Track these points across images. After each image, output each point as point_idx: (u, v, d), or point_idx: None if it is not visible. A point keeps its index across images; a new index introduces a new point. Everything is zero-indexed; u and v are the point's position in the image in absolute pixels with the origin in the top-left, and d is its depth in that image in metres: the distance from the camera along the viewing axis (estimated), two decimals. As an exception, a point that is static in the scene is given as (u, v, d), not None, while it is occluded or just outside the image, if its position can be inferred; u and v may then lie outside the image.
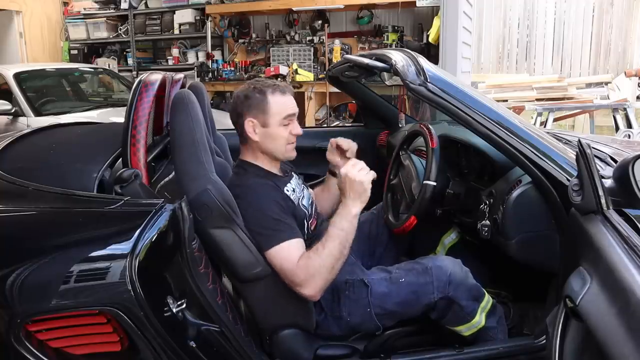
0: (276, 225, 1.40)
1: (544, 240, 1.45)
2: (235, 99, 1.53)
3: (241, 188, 1.45)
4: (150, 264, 1.16)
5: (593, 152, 1.14)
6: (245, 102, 1.50)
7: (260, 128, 1.50)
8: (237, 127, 1.54)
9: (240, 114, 1.51)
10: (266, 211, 1.41)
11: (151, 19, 6.13)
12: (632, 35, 6.48)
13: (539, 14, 6.83)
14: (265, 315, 1.49)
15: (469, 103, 1.40)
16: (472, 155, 1.88)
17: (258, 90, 1.50)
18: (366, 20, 5.36)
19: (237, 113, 1.52)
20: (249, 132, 1.51)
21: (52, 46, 6.80)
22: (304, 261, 1.37)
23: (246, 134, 1.51)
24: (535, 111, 4.69)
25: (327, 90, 5.10)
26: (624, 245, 0.99)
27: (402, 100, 3.35)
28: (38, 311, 1.10)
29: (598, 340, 0.92)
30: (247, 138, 1.52)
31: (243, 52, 5.97)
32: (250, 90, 1.51)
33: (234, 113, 1.54)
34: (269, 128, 1.50)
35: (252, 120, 1.50)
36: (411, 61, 1.46)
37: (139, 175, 1.34)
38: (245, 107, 1.50)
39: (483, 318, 1.51)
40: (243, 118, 1.50)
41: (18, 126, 4.22)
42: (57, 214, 1.25)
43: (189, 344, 1.27)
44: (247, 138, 1.52)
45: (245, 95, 1.51)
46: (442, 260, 1.52)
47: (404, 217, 1.70)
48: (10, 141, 1.65)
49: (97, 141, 1.80)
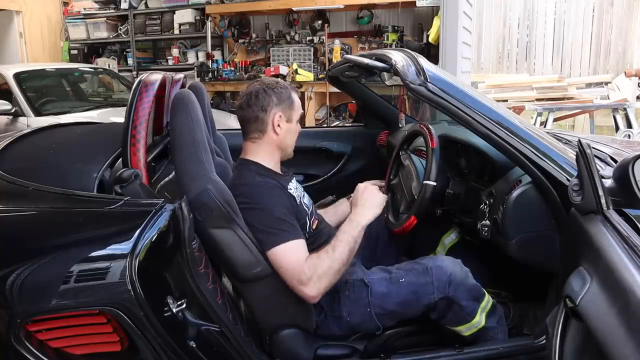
0: (281, 224, 1.40)
1: (544, 240, 1.45)
2: (259, 93, 1.51)
3: (246, 187, 1.45)
4: (150, 264, 1.16)
5: (593, 152, 1.14)
6: (272, 96, 1.50)
7: (284, 123, 1.52)
8: (256, 121, 1.51)
9: (265, 108, 1.50)
10: (272, 210, 1.41)
11: (151, 19, 6.14)
12: (632, 35, 6.47)
13: (539, 14, 6.83)
14: (265, 315, 1.49)
15: (469, 103, 1.40)
16: (472, 155, 1.88)
17: (282, 86, 1.54)
18: (366, 20, 5.36)
19: (261, 107, 1.50)
20: (275, 125, 1.51)
21: (52, 46, 6.81)
22: (314, 261, 1.38)
23: (271, 127, 1.51)
24: (535, 111, 4.69)
25: (327, 90, 5.10)
26: (624, 245, 0.99)
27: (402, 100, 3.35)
28: (38, 311, 1.10)
29: (598, 340, 0.92)
30: (267, 132, 1.52)
31: (243, 52, 5.97)
32: (274, 86, 1.52)
33: (255, 107, 1.50)
34: (291, 124, 1.54)
35: (280, 114, 1.51)
36: (411, 61, 1.46)
37: (139, 175, 1.34)
38: (272, 101, 1.50)
39: (483, 318, 1.51)
40: (269, 111, 1.50)
41: (18, 126, 4.22)
42: (57, 214, 1.24)
43: (189, 344, 1.27)
44: (267, 132, 1.52)
45: (273, 90, 1.51)
46: (442, 261, 1.52)
47: (404, 217, 1.70)
48: (10, 141, 1.65)
49: (97, 141, 1.80)
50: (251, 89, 1.53)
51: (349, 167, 2.75)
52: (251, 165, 1.53)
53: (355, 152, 2.74)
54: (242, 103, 1.53)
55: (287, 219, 1.42)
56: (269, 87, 1.52)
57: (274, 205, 1.42)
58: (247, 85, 1.59)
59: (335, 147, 2.73)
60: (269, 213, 1.41)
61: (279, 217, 1.41)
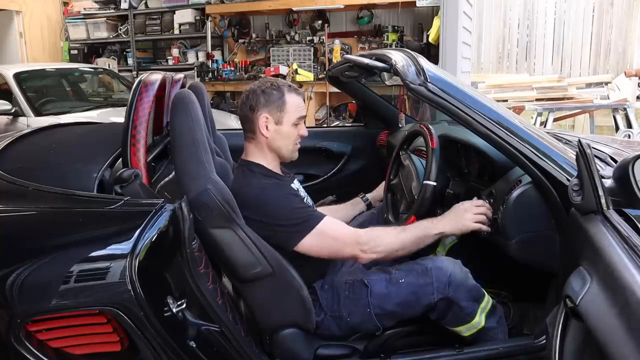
0: (305, 211, 1.45)
1: (544, 240, 1.45)
2: (250, 93, 1.52)
3: (254, 189, 1.46)
4: (150, 264, 1.16)
5: (593, 152, 1.14)
6: (261, 97, 1.50)
7: (273, 125, 1.51)
8: (247, 121, 1.53)
9: (253, 108, 1.50)
10: (290, 204, 1.44)
11: (151, 19, 6.14)
12: (632, 35, 6.47)
13: (539, 14, 6.83)
14: (265, 315, 1.49)
15: (469, 103, 1.40)
16: (472, 155, 1.88)
17: (276, 87, 1.51)
18: (366, 20, 5.36)
19: (250, 107, 1.51)
20: (261, 127, 1.51)
21: (52, 46, 6.81)
22: (376, 232, 1.46)
23: (257, 129, 1.51)
24: (535, 111, 4.69)
25: (327, 90, 5.10)
26: (624, 245, 0.99)
27: (402, 100, 3.35)
28: (38, 311, 1.10)
29: (598, 340, 0.92)
30: (257, 133, 1.52)
31: (243, 52, 5.97)
32: (267, 86, 1.51)
33: (245, 107, 1.52)
34: (282, 126, 1.52)
35: (267, 116, 1.50)
36: (411, 61, 1.46)
37: (139, 175, 1.34)
38: (261, 102, 1.50)
39: (483, 319, 1.51)
40: (257, 113, 1.50)
41: (18, 126, 4.22)
42: (57, 214, 1.24)
43: (189, 344, 1.27)
44: (257, 133, 1.52)
45: (262, 91, 1.50)
46: (442, 261, 1.52)
47: (404, 217, 1.70)
48: (10, 141, 1.65)
49: (97, 141, 1.80)
50: (248, 88, 1.55)
51: (349, 167, 2.75)
52: (253, 167, 1.53)
53: (355, 152, 2.74)
54: (239, 102, 1.57)
55: (305, 206, 1.47)
56: (262, 87, 1.51)
57: (288, 200, 1.45)
58: (247, 85, 1.59)
59: (335, 147, 2.73)
60: (288, 206, 1.43)
61: (298, 207, 1.44)
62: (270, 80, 1.55)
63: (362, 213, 1.96)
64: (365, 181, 2.28)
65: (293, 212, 1.43)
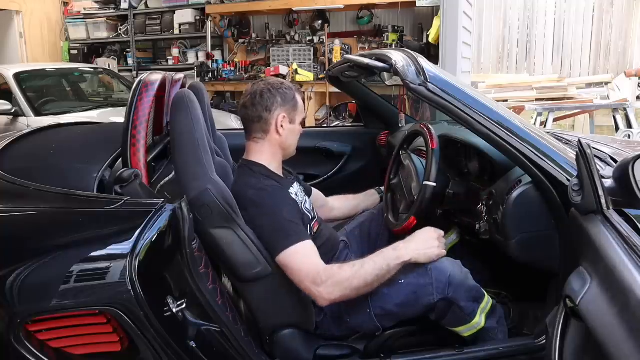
0: (291, 226, 1.41)
1: (544, 240, 1.45)
2: (264, 94, 1.51)
3: (253, 190, 1.45)
4: (151, 264, 1.16)
5: (593, 152, 1.14)
6: (277, 97, 1.51)
7: (287, 124, 1.53)
8: (260, 121, 1.51)
9: (270, 108, 1.50)
10: (280, 213, 1.42)
11: (151, 19, 6.14)
12: (632, 35, 6.47)
13: (539, 14, 6.82)
14: (265, 315, 1.49)
15: (469, 103, 1.40)
16: (472, 155, 1.88)
17: (287, 87, 1.54)
18: (366, 20, 5.36)
19: (266, 107, 1.50)
20: (278, 126, 1.51)
21: (52, 46, 6.81)
22: (334, 269, 1.37)
23: (273, 128, 1.51)
24: (535, 111, 4.69)
25: (327, 90, 5.10)
26: (624, 245, 0.99)
27: (402, 100, 3.36)
28: (38, 311, 1.10)
29: (598, 340, 0.92)
30: (270, 133, 1.52)
31: (243, 52, 5.98)
32: (279, 86, 1.52)
33: (260, 107, 1.50)
34: (294, 125, 1.55)
35: (284, 115, 1.51)
36: (411, 61, 1.46)
37: (139, 175, 1.34)
38: (278, 102, 1.51)
39: (483, 319, 1.51)
40: (274, 112, 1.50)
41: (18, 126, 4.22)
42: (57, 214, 1.25)
43: (189, 344, 1.27)
44: (270, 133, 1.52)
45: (278, 90, 1.51)
46: (441, 262, 1.51)
47: (404, 218, 1.70)
48: (10, 141, 1.65)
49: (97, 141, 1.81)
50: (256, 88, 1.53)
51: (349, 167, 2.75)
52: (254, 167, 1.53)
53: (355, 152, 2.74)
54: (247, 102, 1.53)
55: (295, 221, 1.43)
56: (274, 87, 1.52)
57: (281, 208, 1.43)
58: (249, 84, 1.58)
59: (335, 147, 2.73)
60: (278, 215, 1.41)
61: (288, 219, 1.41)
62: (278, 80, 1.56)
63: (364, 212, 1.96)
64: (365, 181, 2.28)
65: (280, 223, 1.40)
